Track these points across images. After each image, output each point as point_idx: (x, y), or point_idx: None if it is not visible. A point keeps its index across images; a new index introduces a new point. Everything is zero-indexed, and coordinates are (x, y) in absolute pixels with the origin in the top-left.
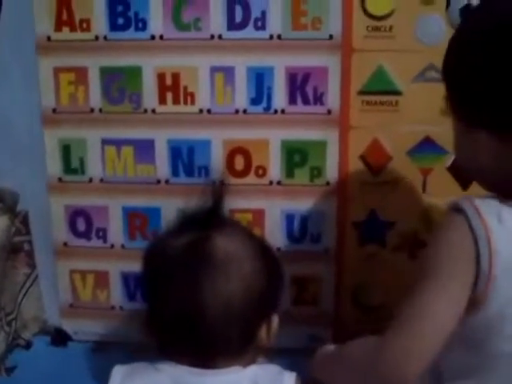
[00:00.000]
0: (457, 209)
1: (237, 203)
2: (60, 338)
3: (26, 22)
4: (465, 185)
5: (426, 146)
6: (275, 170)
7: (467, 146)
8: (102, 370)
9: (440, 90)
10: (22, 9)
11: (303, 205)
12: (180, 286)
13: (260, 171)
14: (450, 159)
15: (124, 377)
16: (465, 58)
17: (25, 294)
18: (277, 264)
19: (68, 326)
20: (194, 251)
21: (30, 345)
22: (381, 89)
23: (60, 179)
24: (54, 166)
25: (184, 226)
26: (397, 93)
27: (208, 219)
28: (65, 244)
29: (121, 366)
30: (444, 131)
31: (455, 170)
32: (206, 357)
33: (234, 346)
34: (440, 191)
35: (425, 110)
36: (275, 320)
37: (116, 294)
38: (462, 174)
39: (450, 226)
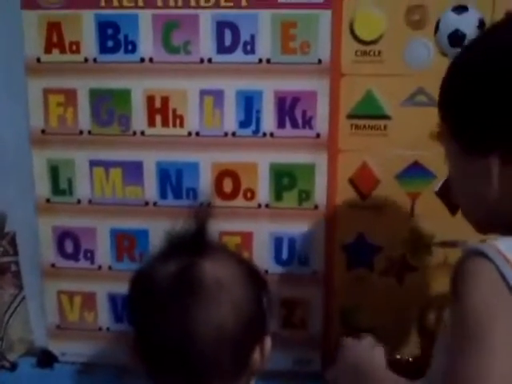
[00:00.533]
0: (480, 254)
1: (225, 226)
2: (46, 359)
3: (16, 43)
4: (453, 209)
5: (415, 170)
6: (264, 193)
7: (471, 177)
8: None
9: (429, 114)
10: (11, 30)
11: (291, 228)
12: (169, 314)
13: (248, 194)
14: (438, 183)
15: None
16: (474, 83)
17: (11, 315)
18: (265, 285)
19: (55, 348)
20: (182, 279)
21: (16, 366)
22: (369, 113)
23: (48, 200)
24: (43, 187)
25: (171, 251)
26: (385, 117)
27: (195, 244)
28: (52, 265)
29: None
30: (433, 155)
31: (443, 195)
32: (197, 382)
33: (227, 372)
34: (428, 215)
35: (414, 135)
36: (268, 342)
37: (103, 315)
38: (451, 199)
39: (480, 277)
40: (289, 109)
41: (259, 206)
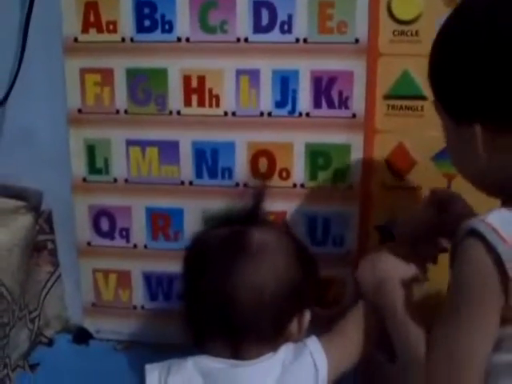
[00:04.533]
0: (472, 232)
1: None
2: (82, 336)
3: (54, 23)
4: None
5: None
6: (299, 173)
7: (462, 147)
8: (123, 368)
9: None
10: (50, 10)
11: (326, 207)
12: (214, 274)
13: (284, 174)
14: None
15: (161, 373)
16: (457, 48)
17: (47, 293)
18: (312, 263)
19: (90, 325)
20: (229, 243)
21: (53, 342)
22: (406, 93)
23: (84, 179)
24: (79, 166)
25: (224, 223)
26: (422, 97)
27: (247, 216)
28: (88, 243)
29: (153, 364)
30: None
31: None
32: (238, 346)
33: (264, 335)
34: (464, 196)
35: None
36: (307, 315)
37: (138, 293)
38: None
39: (468, 256)
40: (325, 89)
41: (294, 185)
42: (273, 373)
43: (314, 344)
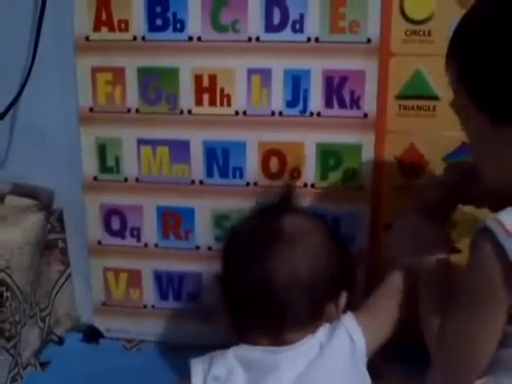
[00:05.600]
0: (484, 230)
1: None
2: (92, 335)
3: (66, 21)
4: None
5: (463, 152)
6: (310, 173)
7: (493, 146)
8: (133, 367)
9: None
10: (62, 9)
11: (336, 207)
12: (250, 262)
13: (295, 173)
14: None
15: (204, 365)
16: (505, 37)
17: (58, 291)
18: (346, 248)
19: (100, 324)
20: (264, 228)
21: (63, 341)
22: (418, 93)
23: (95, 178)
24: (90, 165)
25: (258, 212)
26: (434, 98)
27: (281, 206)
28: (99, 242)
29: (197, 358)
30: None
31: None
32: (277, 332)
33: (301, 318)
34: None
35: None
36: (343, 298)
37: (148, 292)
38: None
39: (480, 253)
40: (336, 88)
41: (305, 185)
42: (310, 354)
43: (349, 320)
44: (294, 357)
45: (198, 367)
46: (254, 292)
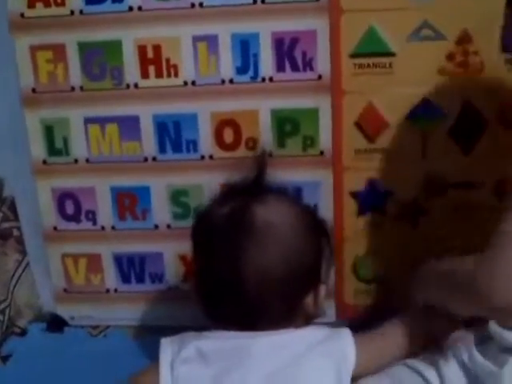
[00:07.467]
0: None
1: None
2: (56, 324)
3: None
4: (467, 149)
5: (424, 109)
6: (266, 141)
7: None
8: (100, 354)
9: (435, 48)
10: None
11: (297, 176)
12: (221, 253)
13: (250, 143)
14: (449, 122)
15: (174, 347)
16: None
17: (17, 281)
18: (326, 235)
19: (63, 312)
20: (232, 220)
21: (25, 332)
22: (373, 50)
23: (45, 161)
24: (38, 148)
25: (227, 196)
26: (390, 54)
27: (250, 188)
28: (54, 228)
29: (168, 338)
30: (443, 92)
31: (456, 134)
32: (252, 324)
33: (277, 312)
34: (440, 156)
35: (421, 71)
36: (322, 290)
37: (110, 276)
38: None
39: None
40: (287, 50)
41: None
42: (293, 348)
43: (346, 335)
44: (270, 343)
45: (167, 348)
46: (225, 289)
